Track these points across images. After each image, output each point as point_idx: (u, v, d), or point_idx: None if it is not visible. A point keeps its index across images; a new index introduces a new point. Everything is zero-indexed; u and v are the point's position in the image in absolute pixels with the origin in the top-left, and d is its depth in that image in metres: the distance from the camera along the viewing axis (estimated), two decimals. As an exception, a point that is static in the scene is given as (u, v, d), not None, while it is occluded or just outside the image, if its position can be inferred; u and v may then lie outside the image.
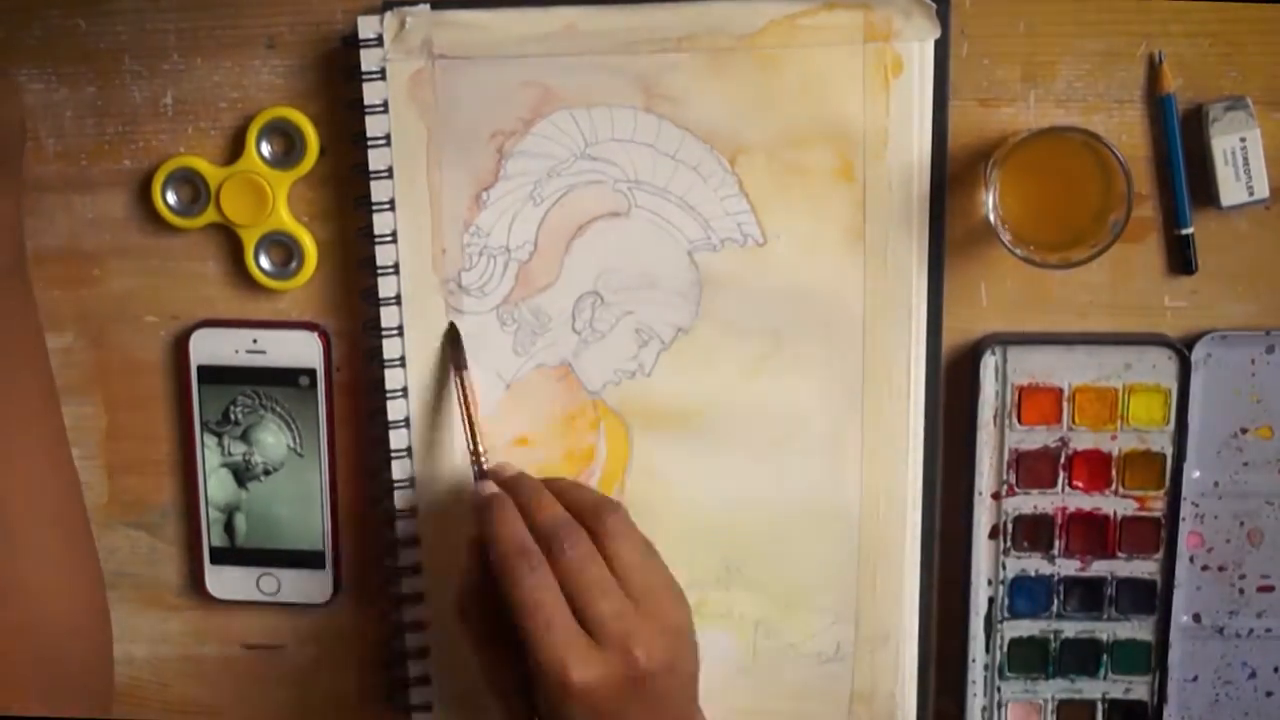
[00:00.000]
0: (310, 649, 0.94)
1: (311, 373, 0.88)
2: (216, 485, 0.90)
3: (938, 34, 0.80)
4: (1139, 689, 0.88)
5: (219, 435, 0.90)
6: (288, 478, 0.90)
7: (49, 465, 0.88)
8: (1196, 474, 0.86)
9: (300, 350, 0.88)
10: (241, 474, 0.90)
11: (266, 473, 0.90)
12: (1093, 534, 0.86)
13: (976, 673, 0.88)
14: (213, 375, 0.89)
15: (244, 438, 0.89)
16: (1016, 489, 0.86)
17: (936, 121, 0.82)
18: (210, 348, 0.89)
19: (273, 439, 0.89)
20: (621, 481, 0.87)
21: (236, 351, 0.88)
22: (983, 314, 0.85)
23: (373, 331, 0.86)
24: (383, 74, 0.83)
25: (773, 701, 0.89)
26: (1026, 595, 0.87)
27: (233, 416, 0.89)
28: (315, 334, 0.88)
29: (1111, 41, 0.82)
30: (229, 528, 0.91)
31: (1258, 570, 0.87)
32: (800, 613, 0.88)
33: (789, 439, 0.86)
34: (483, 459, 0.82)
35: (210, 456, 0.90)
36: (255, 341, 0.88)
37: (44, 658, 0.84)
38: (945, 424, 0.86)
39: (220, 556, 0.92)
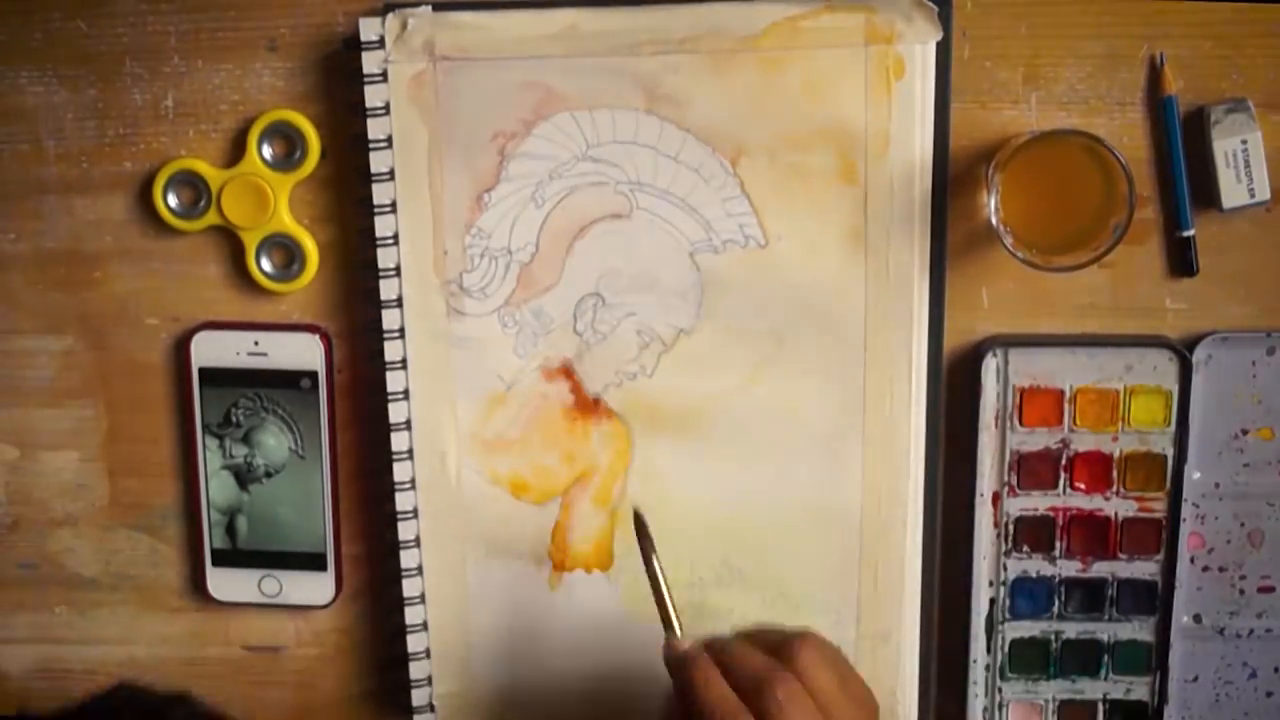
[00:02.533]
0: (311, 651, 0.94)
1: (313, 375, 0.88)
2: (218, 487, 0.90)
3: (939, 36, 0.80)
4: (1140, 689, 0.88)
5: (220, 437, 0.90)
6: (289, 480, 0.90)
7: None
8: (1197, 475, 0.86)
9: (302, 352, 0.88)
10: (243, 476, 0.90)
11: (268, 475, 0.90)
12: (1094, 535, 0.86)
13: (978, 673, 0.89)
14: (214, 378, 0.89)
15: (245, 440, 0.89)
16: (1018, 490, 0.86)
17: (938, 123, 0.82)
18: (212, 350, 0.89)
19: (274, 441, 0.89)
20: (623, 482, 0.88)
21: (238, 354, 0.88)
22: (984, 316, 0.86)
23: (374, 334, 0.86)
24: (384, 76, 0.83)
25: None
26: (1028, 596, 0.87)
27: (234, 419, 0.89)
28: (317, 336, 0.88)
29: (1113, 44, 0.82)
30: (230, 530, 0.91)
31: (1258, 571, 0.87)
32: (802, 613, 0.88)
33: (790, 440, 0.86)
34: (677, 629, 0.78)
35: (211, 459, 0.90)
36: (257, 344, 0.88)
37: None
38: (946, 425, 0.86)
39: (222, 559, 0.92)
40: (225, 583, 0.92)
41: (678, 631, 0.77)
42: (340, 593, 0.92)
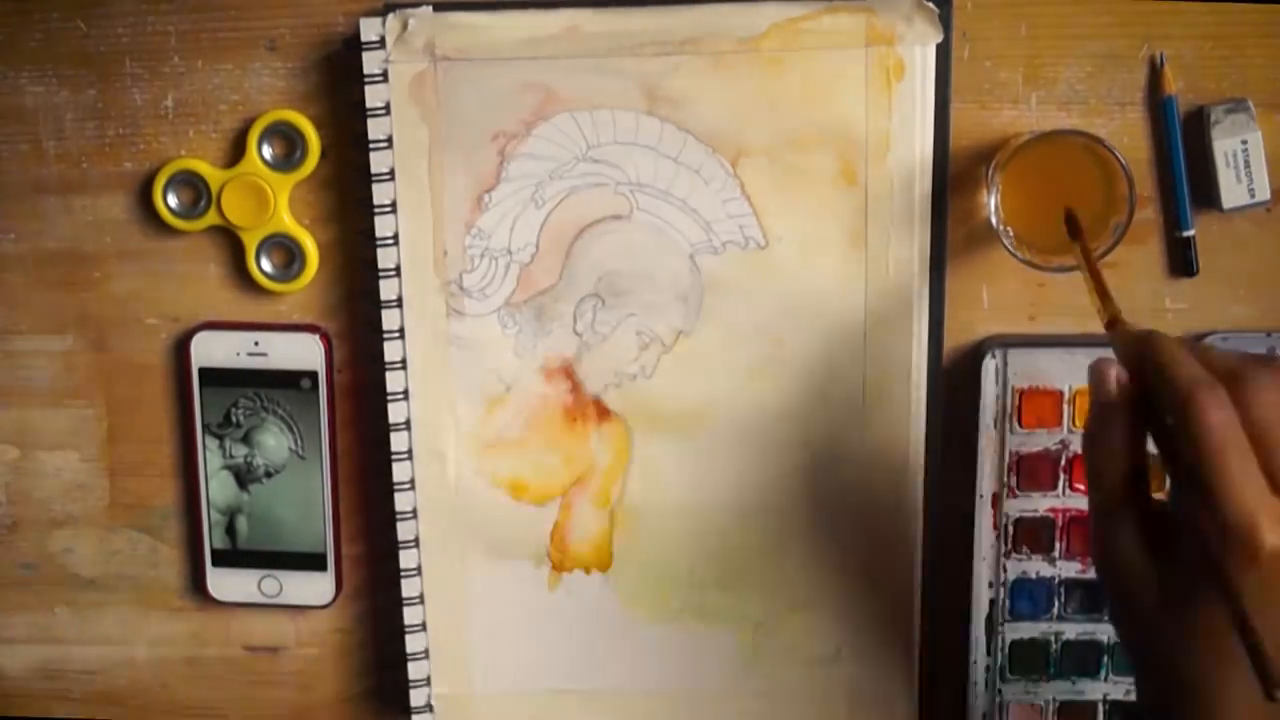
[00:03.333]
0: (311, 651, 0.94)
1: (313, 375, 0.88)
2: (218, 487, 0.90)
3: (940, 38, 0.80)
4: (1140, 690, 0.88)
5: (220, 438, 0.90)
6: (289, 480, 0.90)
7: None
8: (1197, 476, 0.86)
9: (302, 352, 0.88)
10: (243, 476, 0.90)
11: (268, 475, 0.90)
12: (1094, 536, 0.86)
13: (978, 674, 0.89)
14: (214, 378, 0.89)
15: (245, 440, 0.89)
16: (1017, 491, 0.86)
17: (938, 124, 0.82)
18: (211, 350, 0.88)
19: (274, 441, 0.89)
20: (622, 483, 0.87)
21: (238, 354, 0.88)
22: (984, 316, 0.86)
23: (374, 334, 0.86)
24: (384, 76, 0.83)
25: (773, 703, 0.89)
26: (1027, 597, 0.87)
27: (234, 419, 0.89)
28: (317, 336, 0.88)
29: (1113, 44, 0.82)
30: (230, 530, 0.91)
31: (1258, 572, 0.87)
32: (801, 614, 0.88)
33: (790, 441, 0.86)
34: (1115, 309, 0.72)
35: (211, 459, 0.90)
36: (257, 344, 0.88)
37: None
38: (946, 426, 0.86)
39: (222, 559, 0.92)
40: (225, 583, 0.92)
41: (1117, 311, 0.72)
42: (340, 593, 0.92)
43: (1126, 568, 0.67)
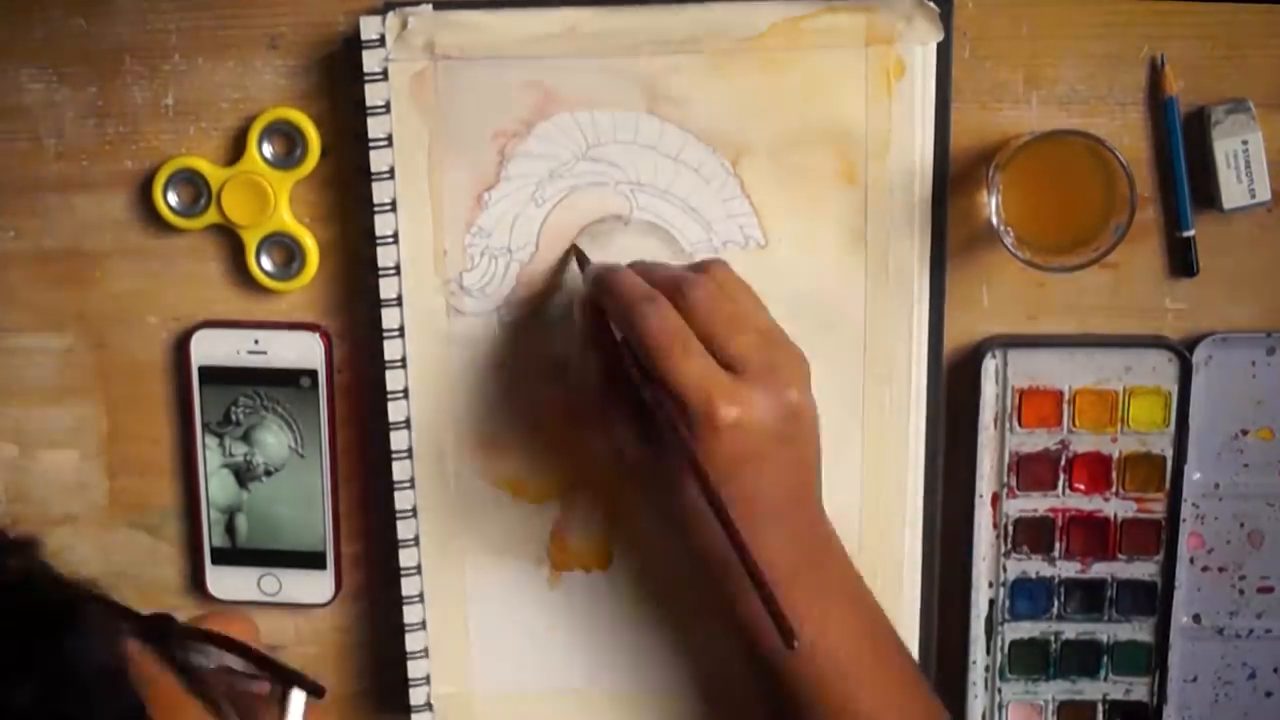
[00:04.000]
0: (310, 649, 0.94)
1: (313, 373, 0.88)
2: (218, 486, 0.90)
3: (940, 37, 0.80)
4: (1139, 690, 0.88)
5: (220, 436, 0.90)
6: (289, 478, 0.90)
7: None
8: (1197, 476, 0.86)
9: (302, 351, 0.88)
10: (242, 475, 0.90)
11: (268, 473, 0.90)
12: (1093, 536, 0.86)
13: (977, 674, 0.89)
14: (214, 376, 0.89)
15: (245, 438, 0.89)
16: (1017, 491, 0.86)
17: (938, 124, 0.82)
18: (211, 348, 0.88)
19: (274, 440, 0.89)
20: (622, 483, 0.87)
21: (238, 352, 0.88)
22: (984, 316, 0.85)
23: (374, 332, 0.86)
24: (384, 75, 0.83)
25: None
26: (1027, 597, 0.88)
27: (234, 417, 0.89)
28: (317, 335, 0.88)
29: (1114, 44, 0.82)
30: (230, 528, 0.91)
31: (1258, 571, 0.87)
32: (801, 613, 0.88)
33: (790, 440, 0.86)
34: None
35: (211, 457, 0.90)
36: (257, 342, 0.88)
37: None
38: (946, 426, 0.86)
39: (221, 557, 0.92)
40: (225, 581, 0.92)
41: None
42: (339, 591, 0.91)
43: (625, 455, 0.77)
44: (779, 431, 0.72)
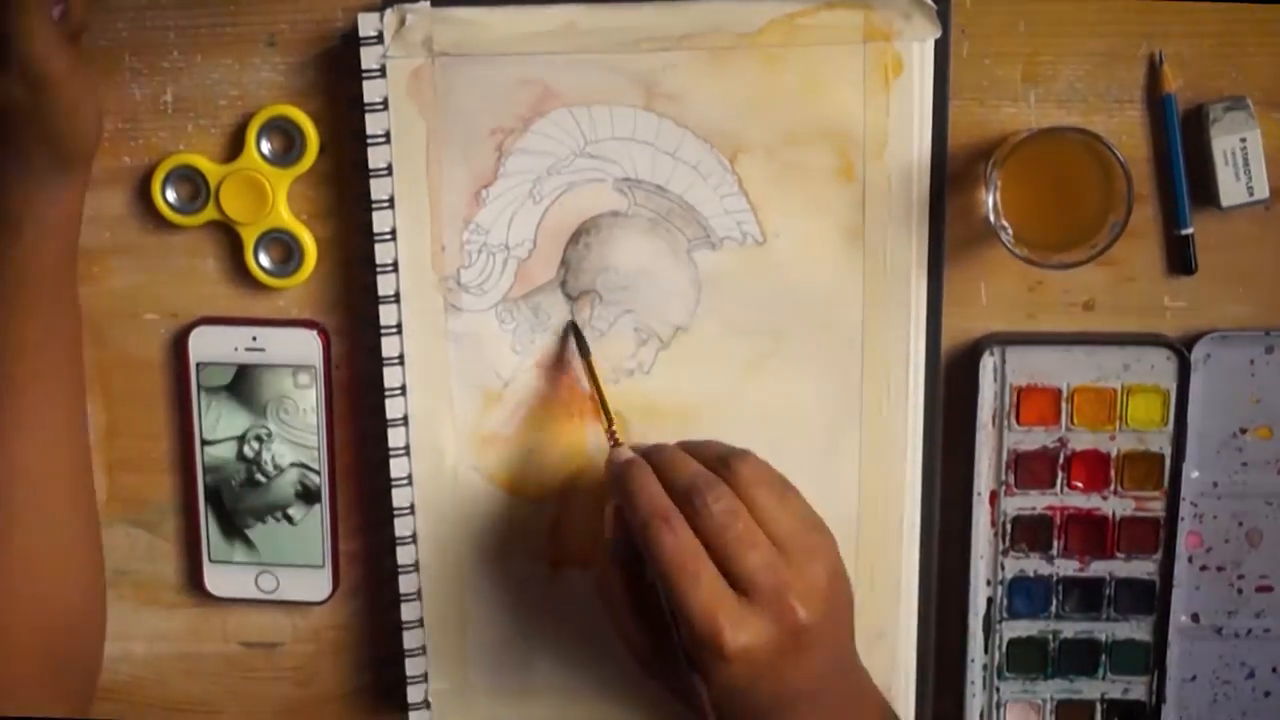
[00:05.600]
0: (308, 647, 0.94)
1: (311, 370, 0.88)
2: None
3: (938, 34, 0.80)
4: (1137, 689, 0.88)
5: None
6: (287, 476, 0.90)
7: (68, 465, 0.88)
8: (1195, 474, 0.86)
9: (300, 348, 0.88)
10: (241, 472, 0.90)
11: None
12: (1091, 534, 0.86)
13: (975, 673, 0.88)
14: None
15: (243, 436, 0.89)
16: (1015, 489, 0.86)
17: (937, 121, 0.82)
18: (209, 345, 0.88)
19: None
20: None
21: (235, 349, 0.88)
22: (982, 314, 0.85)
23: (372, 329, 0.86)
24: (383, 71, 0.83)
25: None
26: (1025, 595, 0.87)
27: None
28: (314, 332, 0.88)
29: (1112, 41, 0.82)
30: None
31: (1256, 570, 0.87)
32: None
33: (787, 438, 0.86)
34: (615, 433, 0.82)
35: (209, 456, 0.90)
36: (255, 339, 0.88)
37: (40, 647, 0.84)
38: (944, 424, 0.86)
39: (219, 554, 0.92)
40: (223, 579, 0.92)
41: (614, 430, 0.82)
42: (337, 589, 0.91)
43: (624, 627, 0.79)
44: (790, 648, 0.72)
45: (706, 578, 0.71)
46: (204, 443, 0.90)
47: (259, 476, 0.90)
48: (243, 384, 0.89)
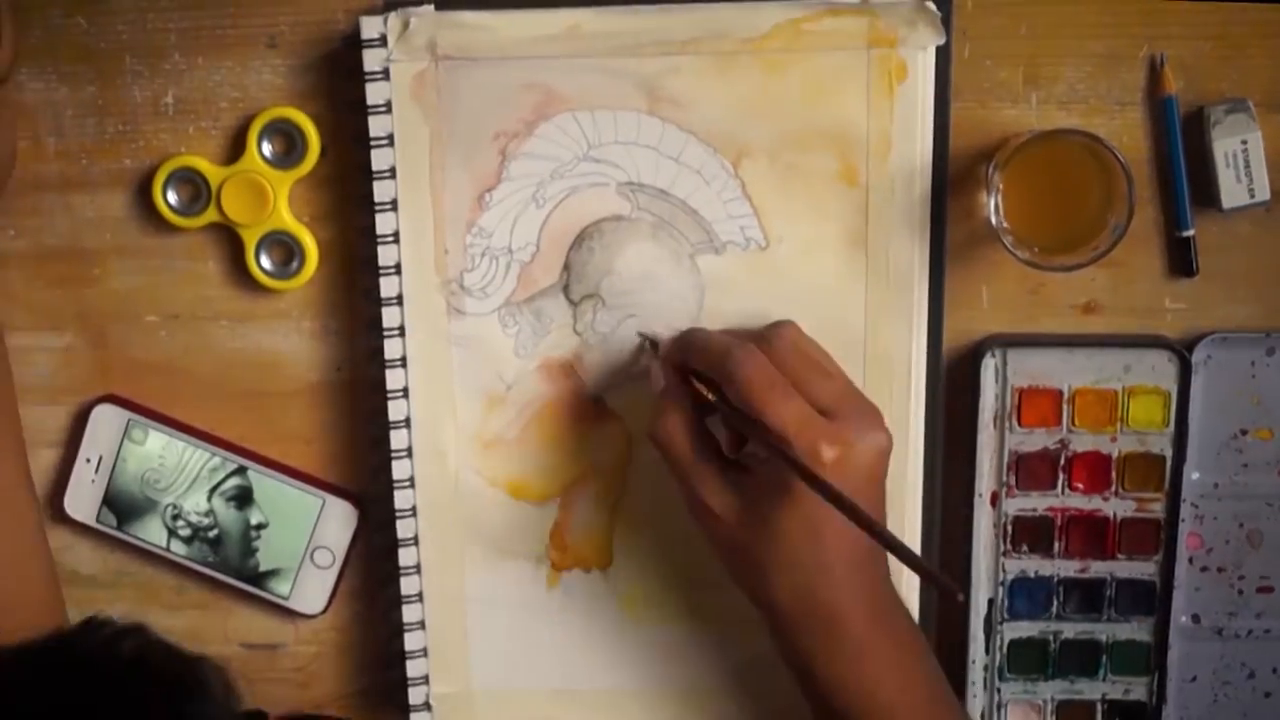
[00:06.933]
0: (309, 649, 0.94)
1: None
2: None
3: (941, 40, 0.80)
4: (1138, 690, 0.88)
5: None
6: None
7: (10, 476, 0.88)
8: (1196, 475, 0.86)
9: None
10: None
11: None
12: (1092, 535, 0.86)
13: (976, 673, 0.89)
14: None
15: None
16: (1016, 490, 0.86)
17: (938, 123, 0.82)
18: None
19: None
20: (622, 483, 0.88)
21: None
22: (983, 316, 0.86)
23: (374, 332, 0.86)
24: (386, 74, 0.83)
25: (773, 700, 0.89)
26: (1026, 596, 0.88)
27: None
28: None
29: (1113, 44, 0.82)
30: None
31: (1257, 571, 0.87)
32: (800, 612, 0.88)
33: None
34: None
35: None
36: None
37: None
38: (945, 425, 0.86)
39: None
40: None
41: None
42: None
43: (713, 510, 0.77)
44: (872, 472, 0.74)
45: (793, 396, 0.73)
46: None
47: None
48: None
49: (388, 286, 0.85)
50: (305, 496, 0.90)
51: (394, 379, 0.86)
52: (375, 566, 0.91)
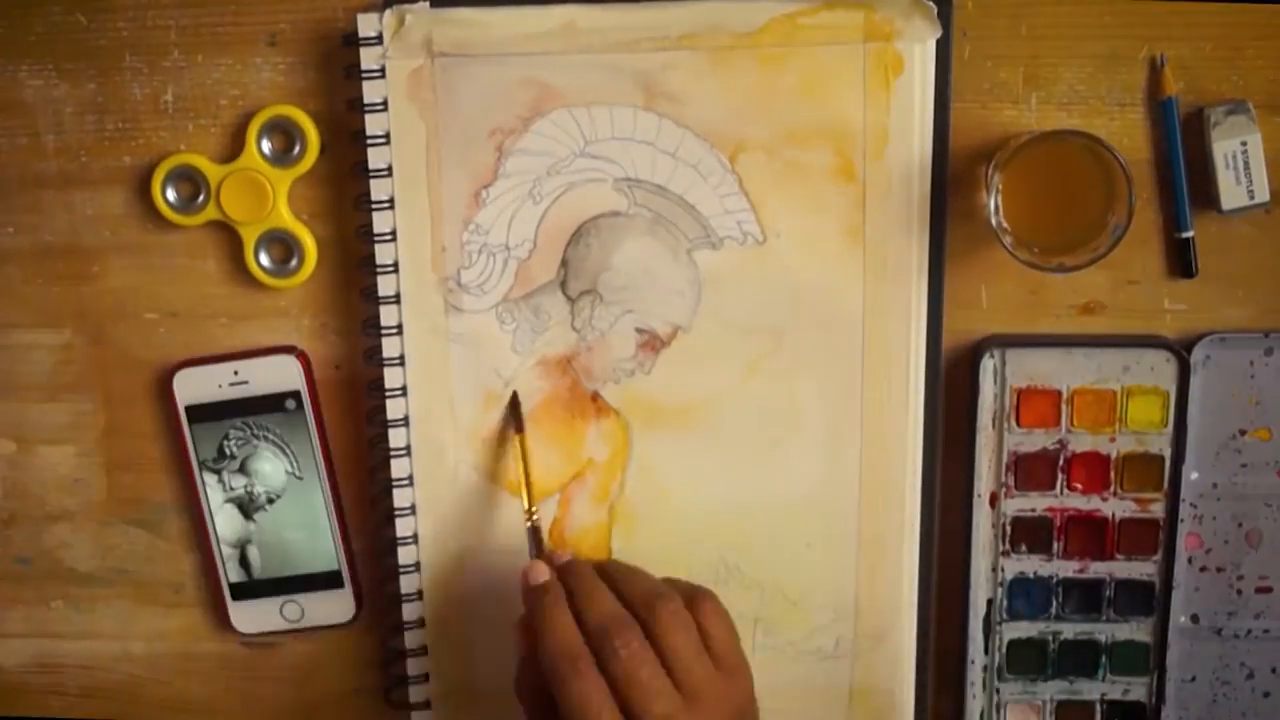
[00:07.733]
0: (308, 646, 0.94)
1: (296, 394, 0.88)
2: (224, 521, 0.90)
3: (938, 34, 0.80)
4: (1137, 690, 0.88)
5: (218, 472, 0.89)
6: (291, 503, 0.90)
7: None
8: (1195, 475, 0.86)
9: (280, 375, 0.88)
10: (246, 507, 0.90)
11: (270, 501, 0.90)
12: (1091, 536, 0.86)
13: (975, 674, 0.88)
14: (201, 413, 0.89)
15: (242, 469, 0.89)
16: (1015, 491, 0.86)
17: (938, 123, 0.82)
18: (194, 387, 0.88)
19: (270, 467, 0.89)
20: (621, 480, 0.87)
21: (219, 386, 0.88)
22: (982, 316, 0.85)
23: (372, 329, 0.86)
24: (383, 72, 0.83)
25: (772, 699, 0.89)
26: (1025, 596, 0.87)
27: (227, 451, 0.89)
28: (293, 356, 0.88)
29: (1113, 44, 0.82)
30: (244, 561, 0.91)
31: (1256, 571, 0.87)
32: (799, 610, 0.88)
33: (788, 438, 0.86)
34: (535, 518, 0.84)
35: (213, 494, 0.90)
36: (236, 373, 0.88)
37: None
38: (944, 425, 0.86)
39: (240, 591, 0.92)
40: (247, 614, 0.92)
41: (533, 512, 0.83)
42: (361, 608, 0.92)
43: None
44: None
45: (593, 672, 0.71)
46: (205, 484, 0.90)
47: (265, 508, 0.90)
48: (233, 420, 0.89)
49: (385, 285, 0.85)
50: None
51: (392, 377, 0.86)
52: (375, 564, 0.91)
